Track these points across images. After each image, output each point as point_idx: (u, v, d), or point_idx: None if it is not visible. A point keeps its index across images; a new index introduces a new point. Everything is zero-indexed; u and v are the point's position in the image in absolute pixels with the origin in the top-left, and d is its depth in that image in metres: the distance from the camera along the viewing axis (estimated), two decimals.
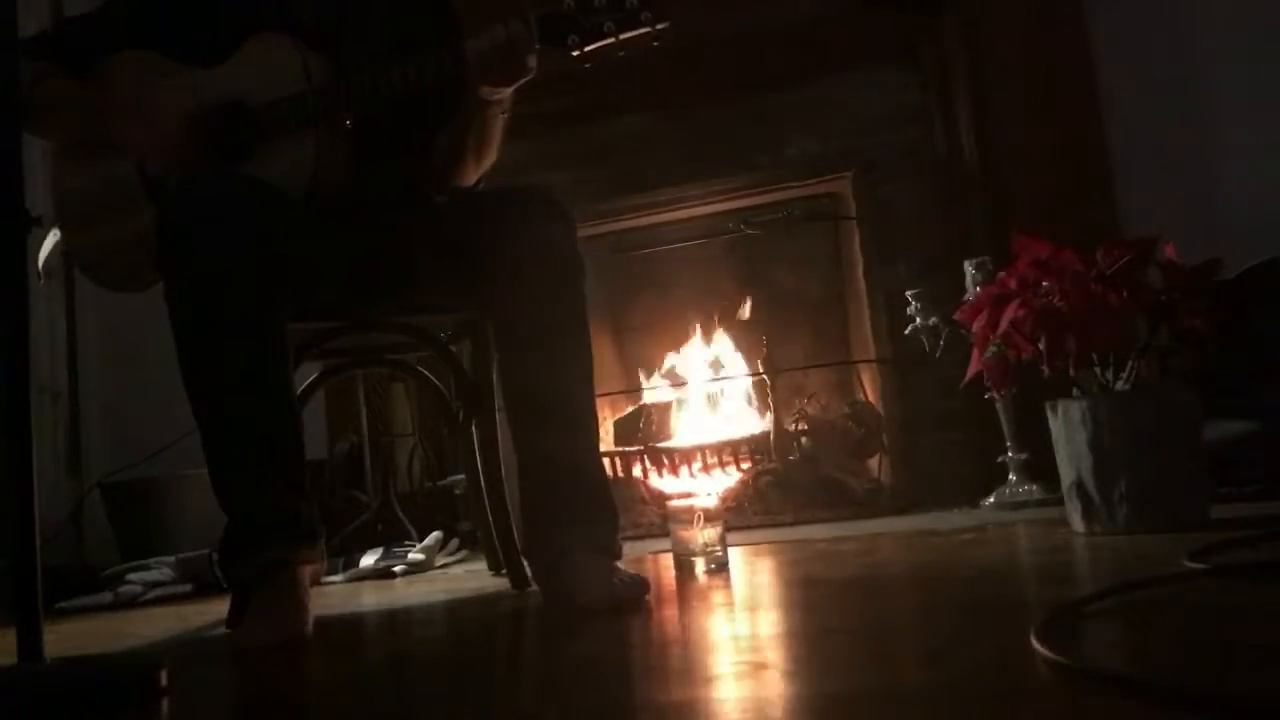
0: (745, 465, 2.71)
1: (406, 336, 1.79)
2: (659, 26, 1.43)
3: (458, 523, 2.59)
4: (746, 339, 2.96)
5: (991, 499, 2.34)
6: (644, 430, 2.91)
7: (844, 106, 2.80)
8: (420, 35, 1.57)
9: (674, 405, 2.96)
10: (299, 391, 1.61)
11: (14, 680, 1.05)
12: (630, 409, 3.03)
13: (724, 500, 2.48)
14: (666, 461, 2.77)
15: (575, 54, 1.46)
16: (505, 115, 1.61)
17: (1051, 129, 2.59)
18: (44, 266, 1.81)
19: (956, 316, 1.92)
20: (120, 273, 1.70)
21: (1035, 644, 0.85)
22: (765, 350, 2.79)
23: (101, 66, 1.68)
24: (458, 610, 1.69)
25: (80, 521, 3.00)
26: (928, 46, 2.73)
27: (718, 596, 1.46)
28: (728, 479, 2.71)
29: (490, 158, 1.68)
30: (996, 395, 2.30)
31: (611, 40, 1.44)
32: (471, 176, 1.69)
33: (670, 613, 1.38)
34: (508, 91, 1.55)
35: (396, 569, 2.26)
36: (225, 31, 1.64)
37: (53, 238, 1.75)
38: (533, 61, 1.48)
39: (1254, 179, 2.48)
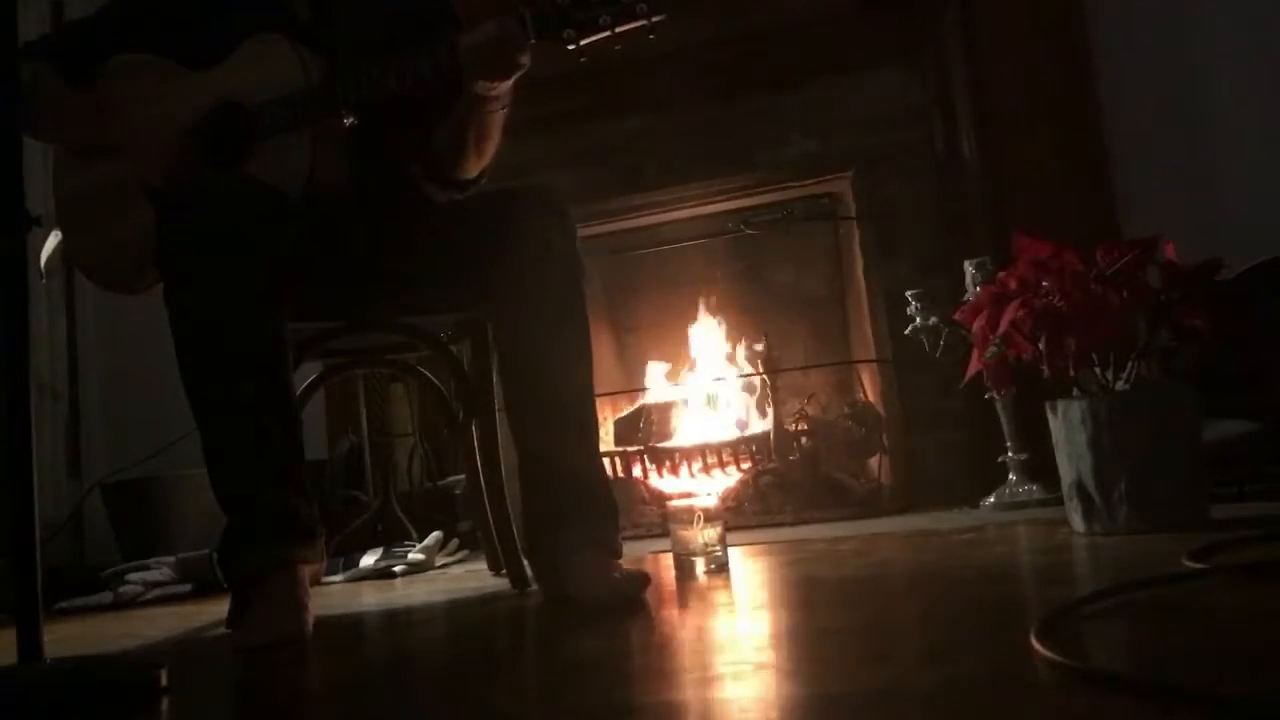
0: (745, 465, 2.71)
1: (406, 336, 1.79)
2: (655, 19, 1.43)
3: (458, 523, 2.59)
4: (745, 338, 2.96)
5: (991, 499, 2.34)
6: (644, 430, 2.91)
7: (844, 106, 2.80)
8: (417, 33, 1.57)
9: (674, 405, 2.96)
10: (299, 391, 1.61)
11: (14, 680, 1.05)
12: (630, 409, 3.03)
13: (724, 500, 2.48)
14: (667, 461, 2.77)
15: (571, 47, 1.46)
16: (504, 110, 1.61)
17: (1051, 129, 2.59)
18: (45, 266, 1.81)
19: (956, 316, 1.92)
20: (120, 274, 1.70)
21: (1035, 644, 0.85)
22: (765, 350, 2.79)
23: (100, 70, 1.68)
24: (458, 610, 1.69)
25: (80, 521, 3.00)
26: (928, 47, 2.74)
27: (718, 596, 1.46)
28: (728, 479, 2.71)
29: (491, 150, 1.68)
30: (996, 395, 2.30)
31: (607, 33, 1.44)
32: (474, 169, 1.69)
33: (670, 613, 1.38)
34: (504, 87, 1.55)
35: (396, 569, 2.26)
36: (222, 32, 1.64)
37: (54, 238, 1.76)
38: (526, 58, 1.48)
39: (1254, 179, 2.48)
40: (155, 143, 1.62)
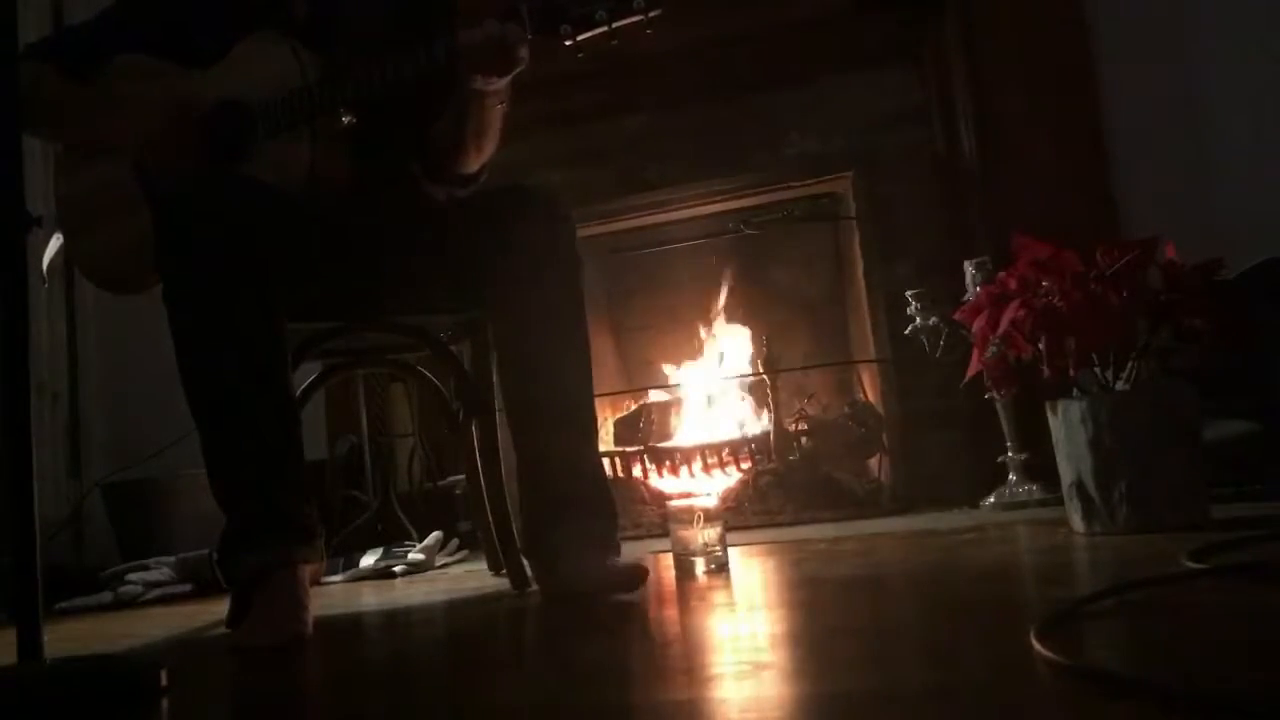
0: (745, 465, 2.71)
1: (406, 336, 1.79)
2: (652, 14, 1.43)
3: (458, 523, 2.59)
4: (745, 338, 2.96)
5: (991, 499, 2.34)
6: (644, 430, 2.91)
7: (844, 106, 2.80)
8: (415, 30, 1.57)
9: (674, 405, 2.96)
10: (299, 391, 1.61)
11: (14, 680, 1.05)
12: (631, 408, 3.03)
13: (724, 500, 2.48)
14: (667, 461, 2.77)
15: (568, 43, 1.46)
16: (503, 105, 1.61)
17: (1051, 129, 2.59)
18: (47, 269, 1.81)
19: (956, 316, 1.93)
20: (120, 274, 1.70)
21: (1035, 644, 0.85)
22: (765, 350, 2.79)
23: (101, 70, 1.68)
24: (458, 610, 1.69)
25: (80, 521, 3.00)
26: (927, 46, 2.74)
27: (718, 596, 1.46)
28: (728, 479, 2.71)
29: (491, 146, 1.68)
30: (996, 395, 2.30)
31: (605, 28, 1.44)
32: (474, 164, 1.69)
33: (670, 613, 1.38)
34: (502, 83, 1.55)
35: (396, 569, 2.26)
36: (222, 32, 1.64)
37: (56, 240, 1.76)
38: (524, 52, 1.48)
39: (1253, 180, 2.48)
40: (156, 140, 1.62)
